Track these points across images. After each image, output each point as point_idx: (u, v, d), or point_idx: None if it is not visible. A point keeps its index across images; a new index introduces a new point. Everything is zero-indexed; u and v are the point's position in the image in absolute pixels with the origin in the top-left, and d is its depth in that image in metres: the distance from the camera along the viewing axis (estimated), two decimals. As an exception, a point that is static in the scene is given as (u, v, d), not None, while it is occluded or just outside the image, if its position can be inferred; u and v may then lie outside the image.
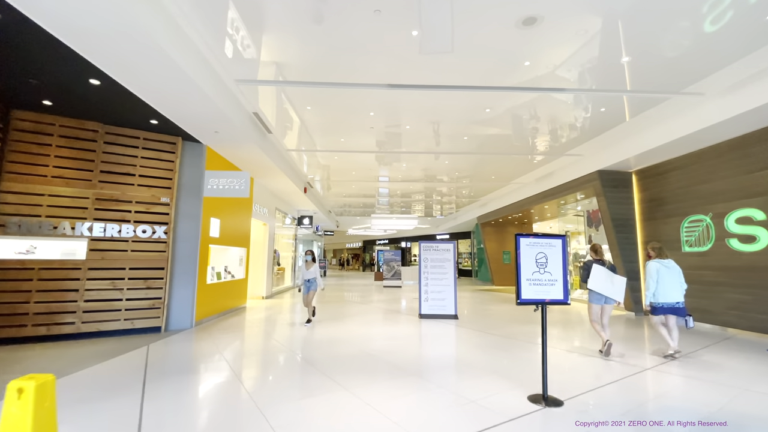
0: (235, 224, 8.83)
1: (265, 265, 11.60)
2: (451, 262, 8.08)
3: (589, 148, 8.93)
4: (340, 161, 10.53)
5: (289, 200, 13.85)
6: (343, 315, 8.44)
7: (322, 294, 13.48)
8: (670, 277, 4.96)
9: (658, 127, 7.42)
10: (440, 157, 9.94)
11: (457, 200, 17.49)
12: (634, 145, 8.06)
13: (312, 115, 7.17)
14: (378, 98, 6.35)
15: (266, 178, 10.19)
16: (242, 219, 9.35)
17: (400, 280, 16.48)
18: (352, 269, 41.95)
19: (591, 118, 7.36)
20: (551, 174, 11.20)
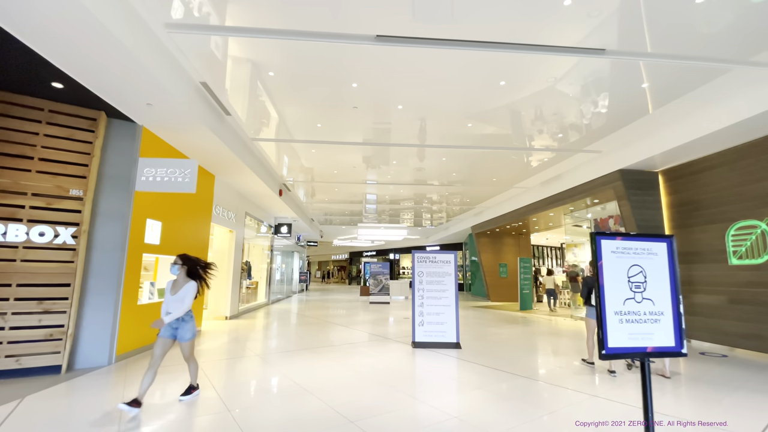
0: (185, 229, 7.17)
1: (229, 279, 9.88)
2: (451, 276, 6.58)
3: (607, 145, 7.66)
4: (320, 157, 9.03)
5: (263, 205, 12.21)
6: (319, 344, 6.80)
7: (301, 314, 11.78)
8: None
9: (689, 120, 6.22)
10: (434, 155, 8.55)
11: (449, 208, 16.12)
12: (661, 141, 6.85)
13: (277, 86, 5.68)
14: (363, 61, 4.90)
15: (231, 175, 8.59)
16: (197, 223, 7.70)
17: (388, 296, 14.88)
18: (335, 281, 40.04)
19: (609, 109, 6.10)
20: (559, 177, 9.91)
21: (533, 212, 11.77)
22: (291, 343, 6.69)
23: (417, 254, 6.69)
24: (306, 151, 8.48)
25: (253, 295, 13.13)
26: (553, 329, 8.91)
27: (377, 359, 5.57)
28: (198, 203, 7.67)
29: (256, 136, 7.41)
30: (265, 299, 13.95)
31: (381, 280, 14.93)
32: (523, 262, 13.39)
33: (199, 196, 7.75)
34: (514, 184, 10.98)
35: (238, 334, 7.61)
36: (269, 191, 10.27)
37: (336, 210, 16.69)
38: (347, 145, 7.93)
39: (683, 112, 6.12)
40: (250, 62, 5.01)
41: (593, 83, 5.35)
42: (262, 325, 8.93)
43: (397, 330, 8.37)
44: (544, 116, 6.49)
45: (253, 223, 12.40)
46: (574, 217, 11.88)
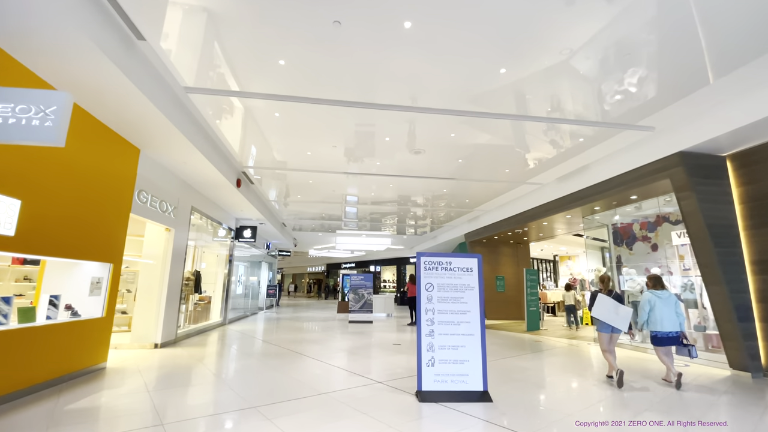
0: (80, 218, 4.79)
1: (162, 293, 7.40)
2: (474, 291, 4.48)
3: (660, 122, 5.92)
4: (289, 136, 6.85)
5: (218, 199, 9.80)
6: (277, 394, 4.49)
7: (263, 338, 9.34)
8: (664, 307, 5.10)
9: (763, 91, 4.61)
10: (430, 137, 6.58)
11: (440, 212, 14.17)
12: (727, 118, 5.21)
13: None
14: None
15: (164, 150, 6.26)
16: (103, 211, 5.31)
17: (371, 313, 12.59)
18: (313, 296, 37.17)
19: (659, 75, 4.38)
20: (585, 169, 8.13)
21: (544, 215, 9.95)
22: (234, 395, 4.35)
23: (424, 258, 4.56)
24: (268, 118, 6.28)
25: (203, 314, 10.56)
26: (597, 361, 6.93)
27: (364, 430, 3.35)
28: (107, 181, 5.30)
29: (193, 84, 5.15)
30: (220, 318, 11.37)
31: (363, 295, 12.66)
32: (530, 274, 11.51)
33: (111, 171, 5.38)
34: (528, 179, 9.12)
35: (157, 375, 5.17)
36: (223, 180, 7.94)
37: (311, 213, 14.40)
38: (323, 109, 5.80)
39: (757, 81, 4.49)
40: None
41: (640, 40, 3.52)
42: (202, 358, 6.48)
43: (388, 365, 6.14)
44: (580, 83, 4.62)
45: (206, 223, 9.95)
46: (591, 221, 10.13)
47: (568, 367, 6.19)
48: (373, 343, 8.43)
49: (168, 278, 7.48)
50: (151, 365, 5.80)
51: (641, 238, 9.52)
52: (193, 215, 8.77)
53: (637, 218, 9.51)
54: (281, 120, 6.22)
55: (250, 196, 10.17)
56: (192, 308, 10.30)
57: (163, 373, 5.36)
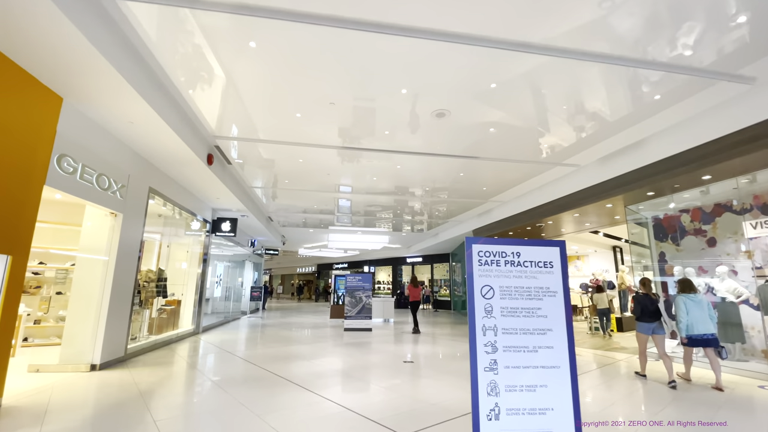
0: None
1: (104, 298, 5.63)
2: (558, 298, 2.87)
3: (761, 71, 4.45)
4: (268, 79, 5.17)
5: (185, 180, 8.04)
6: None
7: (239, 353, 7.62)
8: (697, 310, 5.20)
9: None
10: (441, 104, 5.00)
11: (440, 206, 12.61)
12: None
13: None
14: None
15: (97, 98, 4.52)
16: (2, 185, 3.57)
17: (369, 319, 10.92)
18: (288, 297, 35.21)
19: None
20: (639, 145, 6.63)
21: (576, 205, 8.44)
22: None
23: (479, 247, 2.94)
24: (241, 53, 4.58)
25: (170, 322, 8.77)
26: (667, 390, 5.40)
27: None
28: (2, 139, 3.57)
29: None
30: (192, 326, 9.57)
31: (361, 298, 10.98)
32: (555, 274, 10.00)
33: (9, 124, 3.64)
34: (564, 159, 7.58)
35: (65, 426, 3.44)
36: (188, 153, 6.22)
37: (301, 206, 12.65)
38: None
39: None
40: None
41: None
42: (149, 388, 4.74)
43: (408, 398, 4.49)
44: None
45: (173, 211, 8.17)
46: (634, 211, 8.66)
47: (653, 399, 4.64)
48: (378, 359, 6.78)
49: (113, 278, 5.71)
50: (70, 402, 4.05)
51: (692, 232, 8.08)
52: (153, 200, 7.01)
53: (687, 207, 8.08)
54: (259, 56, 4.53)
55: (227, 179, 8.43)
56: (156, 315, 8.53)
57: (78, 418, 3.62)
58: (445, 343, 8.85)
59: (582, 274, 20.11)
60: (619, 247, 19.50)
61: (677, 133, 5.92)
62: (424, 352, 7.61)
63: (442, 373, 5.62)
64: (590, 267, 20.12)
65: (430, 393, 4.58)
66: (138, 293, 6.82)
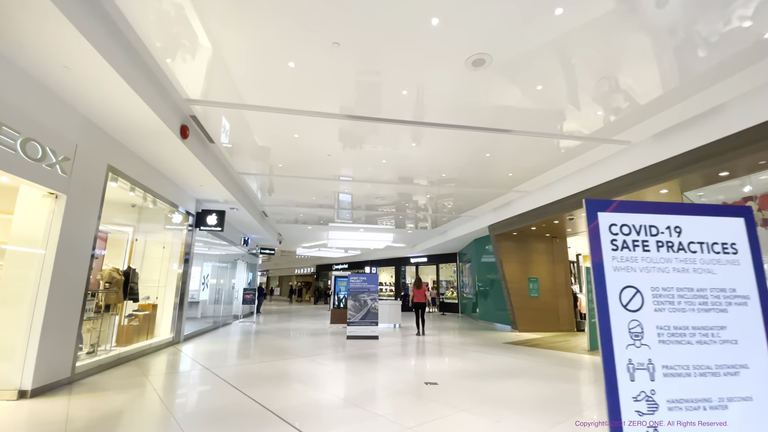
0: None
1: (39, 303, 4.32)
2: (750, 305, 1.58)
3: None
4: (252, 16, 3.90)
5: (157, 160, 6.72)
6: None
7: (221, 370, 6.30)
8: None
9: None
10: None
11: (454, 199, 11.33)
12: None
13: None
14: None
15: (9, 27, 3.23)
16: None
17: (375, 325, 9.60)
18: (284, 299, 33.84)
19: None
20: (713, 114, 5.35)
21: (623, 191, 7.16)
22: None
23: (609, 217, 1.65)
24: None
25: (142, 330, 7.45)
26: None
27: None
28: None
29: None
30: (171, 334, 8.24)
31: (366, 302, 9.67)
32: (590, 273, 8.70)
33: None
34: (614, 135, 6.29)
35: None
36: (155, 121, 4.93)
37: (298, 200, 11.32)
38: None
39: None
40: None
41: None
42: (88, 425, 3.43)
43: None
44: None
45: (143, 198, 6.86)
46: (692, 198, 7.38)
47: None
48: (392, 379, 5.47)
49: (51, 277, 4.39)
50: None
51: (761, 222, 6.82)
52: (115, 182, 5.71)
53: (752, 194, 6.81)
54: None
55: (210, 162, 7.13)
56: (126, 323, 7.23)
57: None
58: (466, 354, 7.55)
59: (599, 275, 18.75)
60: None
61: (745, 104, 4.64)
62: (447, 368, 6.31)
63: (480, 402, 4.31)
64: (608, 267, 18.86)
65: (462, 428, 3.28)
66: (93, 296, 5.51)
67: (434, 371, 5.98)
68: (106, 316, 6.83)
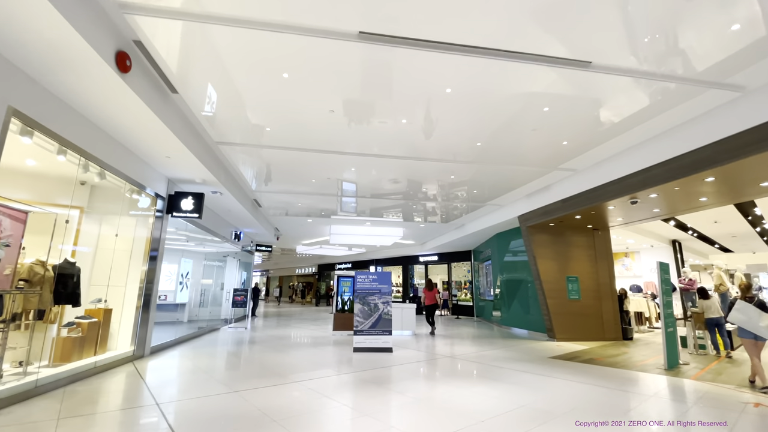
0: None
1: None
2: None
3: None
4: None
5: (98, 113, 4.95)
6: None
7: (182, 401, 4.47)
8: None
9: None
10: None
11: (479, 183, 9.56)
12: None
13: None
14: None
15: None
16: None
17: (389, 335, 7.81)
18: (307, 302, 32.07)
19: None
20: None
21: (725, 159, 5.35)
22: None
23: None
24: None
25: (87, 344, 5.70)
26: None
27: None
28: None
29: None
30: (131, 347, 6.49)
31: (377, 306, 7.88)
32: (664, 270, 6.86)
33: None
34: (726, 78, 4.50)
35: None
36: (70, 35, 3.17)
37: (294, 185, 9.53)
38: None
39: None
40: None
41: None
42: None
43: None
44: None
45: (80, 166, 5.11)
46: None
47: None
48: (424, 426, 3.69)
49: None
50: None
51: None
52: (28, 137, 3.97)
53: None
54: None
55: (174, 122, 5.38)
56: (65, 334, 5.52)
57: None
58: (510, 376, 5.75)
59: (632, 275, 16.96)
60: (679, 241, 16.37)
61: None
62: (495, 402, 4.51)
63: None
64: (641, 266, 16.97)
65: None
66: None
67: (479, 407, 4.19)
68: (40, 325, 5.14)
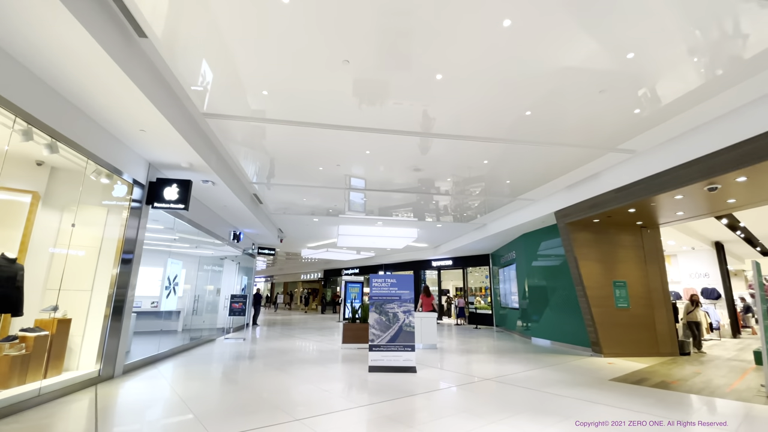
0: None
1: None
2: None
3: None
4: None
5: (37, 57, 3.75)
6: None
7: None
8: None
9: None
10: None
11: (518, 171, 8.26)
12: None
13: None
14: None
15: None
16: None
17: (411, 351, 6.47)
18: (312, 309, 30.76)
19: None
20: None
21: None
22: None
23: None
24: None
25: (33, 363, 4.46)
26: None
27: None
28: None
29: None
30: (96, 367, 5.24)
31: (396, 316, 6.56)
32: (759, 272, 5.48)
33: None
34: None
35: None
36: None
37: (298, 174, 8.29)
38: None
39: None
40: None
41: None
42: None
43: None
44: None
45: (21, 132, 3.90)
46: None
47: None
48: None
49: None
50: None
51: None
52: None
53: None
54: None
55: (143, 78, 4.18)
56: (6, 351, 4.28)
57: None
58: (570, 407, 4.39)
59: (669, 280, 15.34)
60: (722, 242, 14.84)
61: None
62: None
63: None
64: (680, 270, 15.44)
65: None
66: None
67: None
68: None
